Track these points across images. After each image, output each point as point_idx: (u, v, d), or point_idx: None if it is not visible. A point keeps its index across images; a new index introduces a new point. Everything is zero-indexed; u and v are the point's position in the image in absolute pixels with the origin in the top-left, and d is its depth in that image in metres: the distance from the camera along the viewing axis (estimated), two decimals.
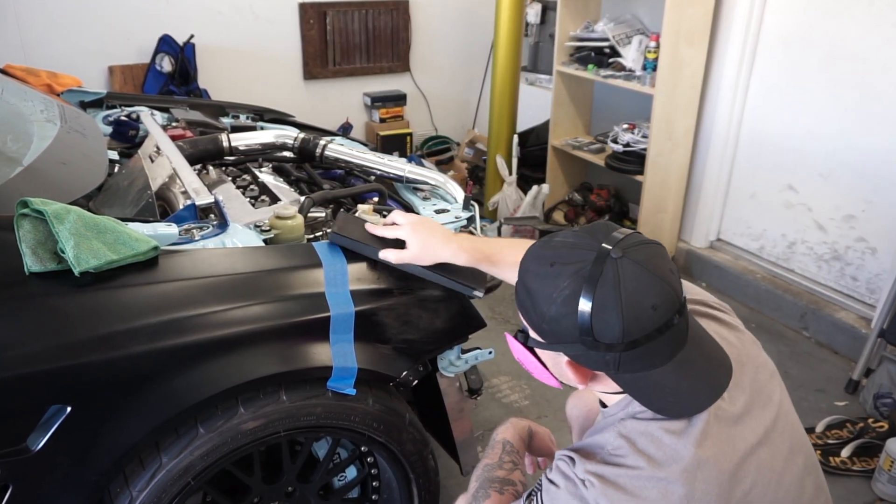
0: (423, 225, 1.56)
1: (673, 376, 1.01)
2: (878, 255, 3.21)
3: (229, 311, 1.43)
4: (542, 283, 1.02)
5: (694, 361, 1.02)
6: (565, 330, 1.00)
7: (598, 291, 0.97)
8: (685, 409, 1.03)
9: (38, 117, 2.10)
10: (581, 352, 1.01)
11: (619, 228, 1.06)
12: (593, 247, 1.01)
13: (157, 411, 1.34)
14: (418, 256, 1.55)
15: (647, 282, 0.98)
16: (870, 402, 2.84)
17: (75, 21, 4.12)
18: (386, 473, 1.81)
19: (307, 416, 1.53)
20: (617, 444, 1.05)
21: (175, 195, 1.89)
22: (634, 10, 4.12)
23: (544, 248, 1.07)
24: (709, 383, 1.03)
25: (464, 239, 1.53)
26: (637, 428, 1.05)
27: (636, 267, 0.98)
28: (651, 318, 0.97)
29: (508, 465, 1.36)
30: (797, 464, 1.12)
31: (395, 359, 1.61)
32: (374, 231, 1.61)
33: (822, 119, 3.31)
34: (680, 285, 1.03)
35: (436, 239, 1.53)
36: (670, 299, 0.99)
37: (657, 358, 1.00)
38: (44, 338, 1.25)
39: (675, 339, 1.00)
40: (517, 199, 4.42)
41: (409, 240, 1.55)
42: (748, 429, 1.07)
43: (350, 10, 4.91)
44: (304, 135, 2.47)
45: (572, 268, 1.00)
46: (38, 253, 1.32)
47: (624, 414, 1.09)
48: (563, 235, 1.07)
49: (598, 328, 0.97)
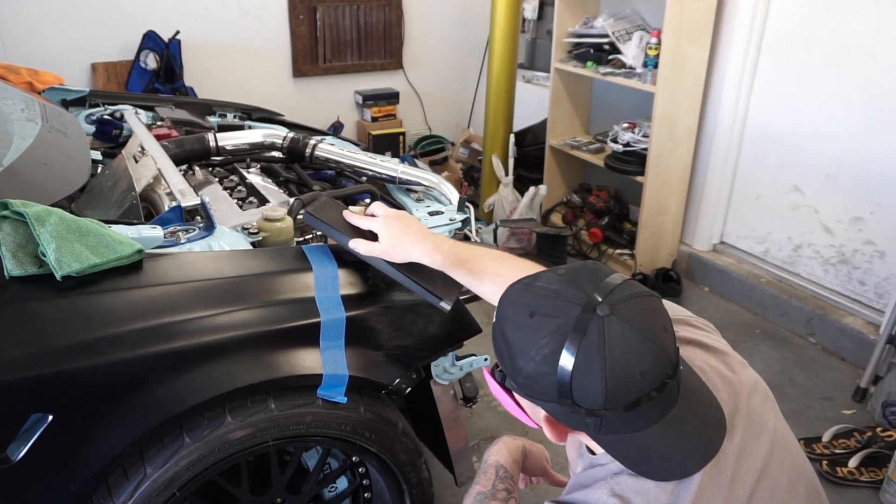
0: (399, 220, 1.52)
1: (660, 439, 0.96)
2: (887, 258, 3.23)
3: (216, 316, 1.43)
4: (521, 336, 0.97)
5: (684, 421, 0.97)
6: (542, 388, 0.96)
7: (580, 354, 0.91)
8: (672, 472, 0.98)
9: (19, 116, 2.10)
10: (559, 411, 0.97)
11: (610, 274, 1.00)
12: (578, 299, 0.95)
13: (141, 420, 1.34)
14: (387, 251, 1.50)
15: (635, 346, 0.92)
16: (878, 410, 2.85)
17: (57, 17, 4.12)
18: (378, 484, 1.82)
19: (296, 425, 1.53)
20: (610, 503, 1.01)
21: (160, 197, 1.90)
22: (635, 5, 4.14)
23: (525, 293, 1.01)
24: (699, 445, 0.99)
25: (442, 240, 1.49)
26: (632, 486, 1.01)
27: (625, 328, 0.92)
28: (639, 385, 0.92)
29: (503, 493, 1.32)
30: (799, 494, 1.10)
31: (387, 366, 1.62)
32: (350, 219, 1.58)
33: (828, 118, 3.33)
34: (674, 344, 0.97)
35: (409, 236, 1.49)
36: (661, 364, 0.93)
37: (643, 421, 0.95)
38: (24, 344, 1.26)
39: (665, 402, 0.95)
40: (514, 201, 4.43)
41: (380, 232, 1.51)
42: (745, 467, 1.04)
43: (341, 5, 4.93)
44: (294, 134, 2.48)
45: (553, 322, 0.94)
46: (19, 256, 1.33)
47: (616, 467, 1.03)
48: (546, 280, 1.00)
49: (578, 392, 0.93)
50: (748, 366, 1.20)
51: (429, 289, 1.53)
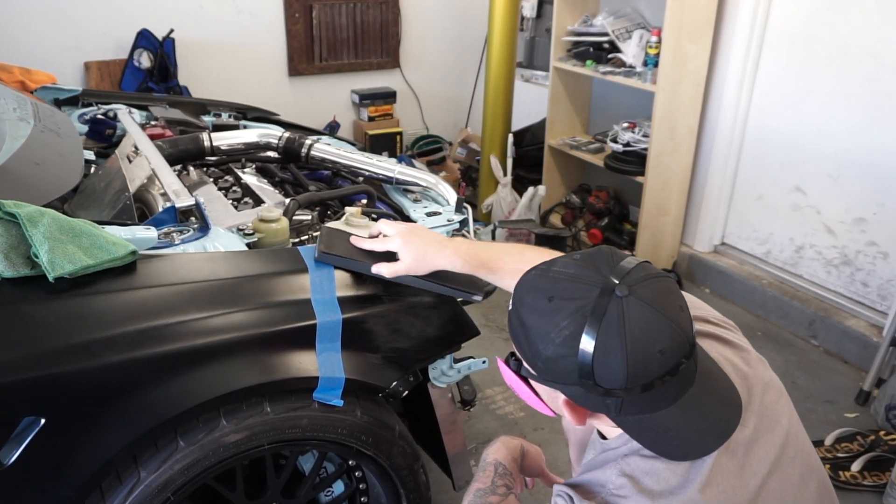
0: (415, 234, 1.55)
1: (678, 419, 0.98)
2: (890, 259, 3.23)
3: (211, 318, 1.44)
4: (539, 320, 0.99)
5: (701, 402, 0.99)
6: (563, 371, 0.97)
7: (601, 334, 0.93)
8: (690, 451, 1.01)
9: (11, 115, 2.10)
10: (579, 393, 0.99)
11: (625, 257, 1.02)
12: (596, 281, 0.97)
13: (135, 423, 1.34)
14: (413, 268, 1.53)
15: (654, 324, 0.94)
16: (881, 413, 2.86)
17: (49, 15, 4.12)
18: (375, 489, 1.82)
19: (292, 429, 1.54)
20: (619, 482, 1.03)
21: (154, 197, 1.90)
22: (635, 3, 4.14)
23: (542, 278, 1.03)
24: (716, 424, 1.01)
25: (460, 244, 1.52)
26: (641, 466, 1.03)
27: (643, 307, 0.95)
28: (658, 363, 0.94)
29: (502, 489, 1.34)
30: (810, 490, 1.12)
31: (384, 368, 1.62)
32: (362, 245, 1.60)
33: (831, 117, 3.34)
34: (690, 324, 1.00)
35: (430, 248, 1.52)
36: (679, 342, 0.96)
37: (662, 401, 0.97)
38: (16, 347, 1.26)
39: (683, 381, 0.97)
40: (512, 202, 4.43)
41: (401, 251, 1.54)
42: (757, 458, 1.06)
43: (337, 3, 4.93)
44: (289, 134, 2.48)
45: (573, 305, 0.96)
46: (11, 258, 1.33)
47: (627, 450, 1.06)
48: (563, 264, 1.02)
49: (599, 373, 0.94)
50: (767, 365, 1.22)
51: (458, 287, 1.61)
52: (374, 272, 1.57)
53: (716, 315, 1.28)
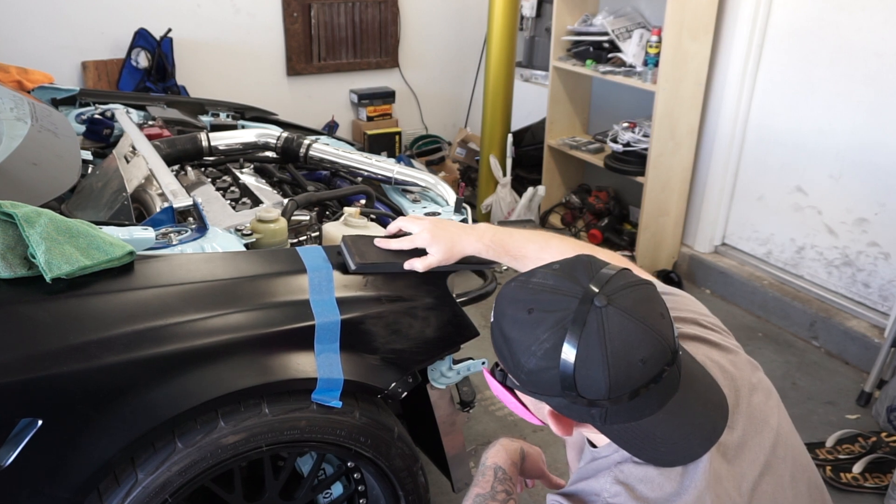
0: (439, 227, 1.59)
1: (664, 425, 0.99)
2: (892, 260, 3.24)
3: (209, 319, 1.44)
4: (520, 332, 1.00)
5: (686, 406, 1.00)
6: (546, 383, 0.98)
7: (581, 346, 0.94)
8: (679, 457, 1.01)
9: (8, 115, 2.10)
10: (564, 405, 1.00)
11: (604, 265, 1.03)
12: (576, 292, 0.98)
13: (132, 425, 1.35)
14: (444, 259, 1.58)
15: (634, 333, 0.95)
16: (883, 415, 2.86)
17: (47, 14, 4.12)
18: (374, 490, 1.82)
19: (291, 430, 1.54)
20: (614, 490, 1.03)
21: (152, 197, 1.90)
22: (635, 2, 4.15)
23: (521, 289, 1.03)
24: (703, 428, 1.02)
25: (484, 231, 1.57)
26: (636, 473, 1.03)
27: (622, 317, 0.95)
28: (640, 371, 0.95)
29: (502, 495, 1.33)
30: (801, 491, 1.12)
31: (383, 370, 1.62)
32: (391, 246, 1.63)
33: (833, 117, 3.34)
34: (672, 331, 1.00)
35: (457, 237, 1.57)
36: (661, 350, 0.96)
37: (647, 408, 0.98)
38: (13, 348, 1.26)
39: (667, 388, 0.98)
40: (512, 202, 4.44)
41: (430, 246, 1.58)
42: (748, 461, 1.06)
43: (336, 2, 4.93)
44: (288, 134, 2.48)
45: (552, 317, 0.97)
46: (8, 258, 1.33)
47: (619, 457, 1.07)
48: (542, 275, 1.03)
49: (581, 384, 0.95)
50: (758, 367, 1.22)
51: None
52: (406, 269, 1.61)
53: (706, 316, 1.28)
